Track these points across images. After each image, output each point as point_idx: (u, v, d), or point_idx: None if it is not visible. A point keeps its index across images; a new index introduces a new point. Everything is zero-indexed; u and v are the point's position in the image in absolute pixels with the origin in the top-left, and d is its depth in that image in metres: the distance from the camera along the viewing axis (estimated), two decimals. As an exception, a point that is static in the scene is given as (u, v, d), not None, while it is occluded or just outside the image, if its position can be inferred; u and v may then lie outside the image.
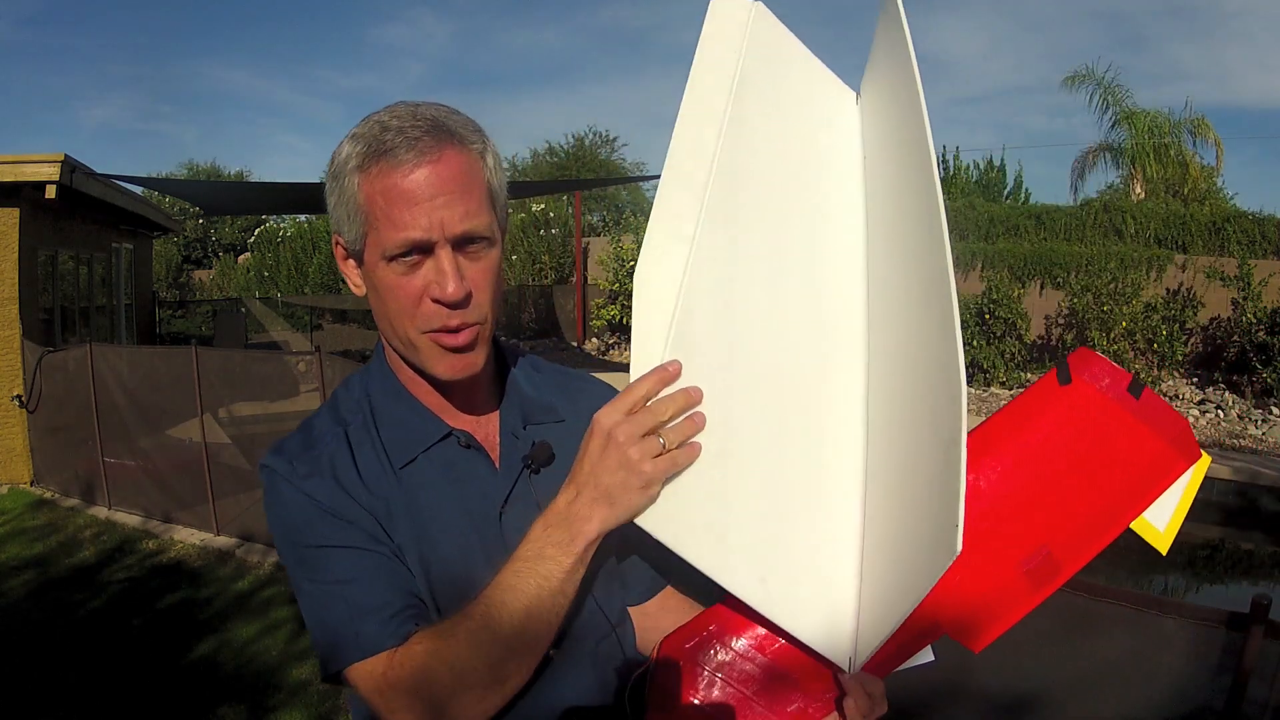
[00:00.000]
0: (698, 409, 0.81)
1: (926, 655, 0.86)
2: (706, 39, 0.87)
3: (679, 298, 0.80)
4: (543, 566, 0.82)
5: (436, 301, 0.85)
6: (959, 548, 0.66)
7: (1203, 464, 0.89)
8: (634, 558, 1.01)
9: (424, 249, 0.84)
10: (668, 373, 0.80)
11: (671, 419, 0.80)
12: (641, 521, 0.81)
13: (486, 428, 0.97)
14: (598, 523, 0.81)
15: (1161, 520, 0.89)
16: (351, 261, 0.91)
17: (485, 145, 0.88)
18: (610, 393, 1.08)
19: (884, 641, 0.78)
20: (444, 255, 0.84)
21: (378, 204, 0.84)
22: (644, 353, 0.81)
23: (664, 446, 0.80)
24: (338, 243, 0.91)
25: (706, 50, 0.87)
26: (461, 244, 0.85)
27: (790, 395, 0.87)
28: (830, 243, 0.91)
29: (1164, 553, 0.89)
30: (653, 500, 0.80)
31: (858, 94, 0.96)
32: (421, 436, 0.93)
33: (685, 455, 0.80)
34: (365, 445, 0.92)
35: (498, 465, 0.95)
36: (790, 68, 0.93)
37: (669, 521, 0.80)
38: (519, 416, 0.98)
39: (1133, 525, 0.88)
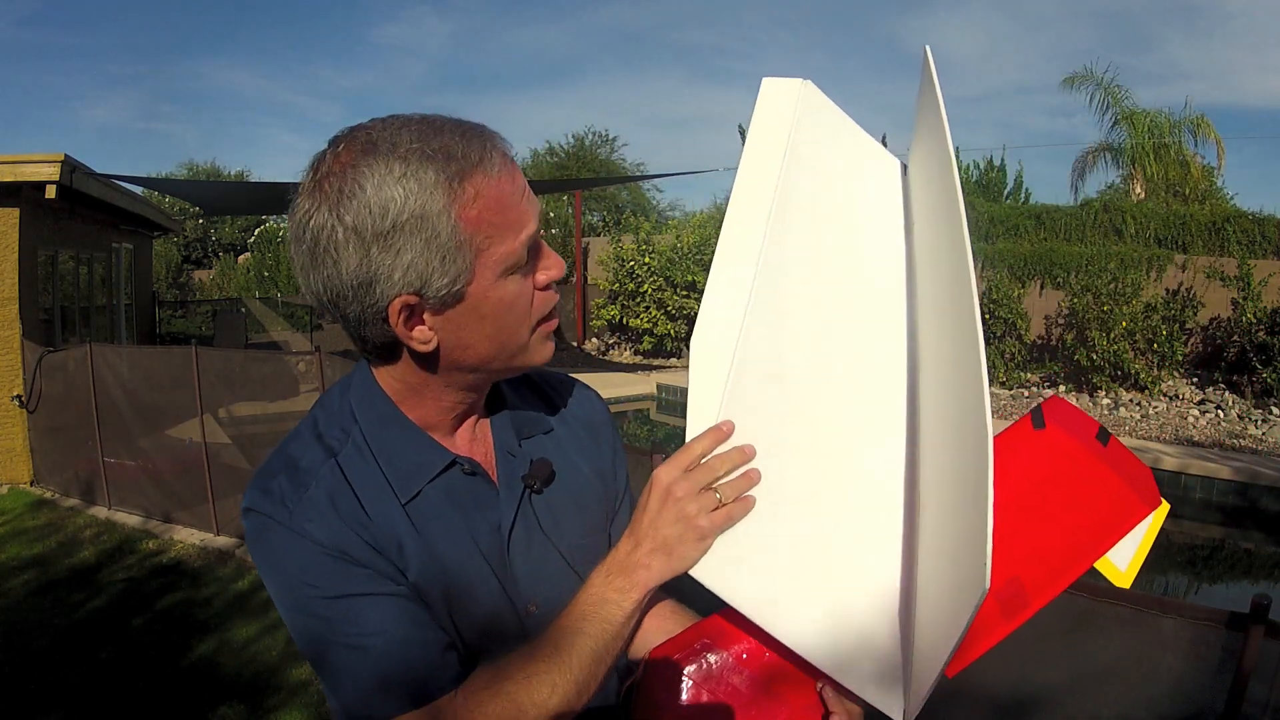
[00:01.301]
0: (752, 465, 0.85)
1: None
2: (759, 116, 0.92)
3: (733, 362, 0.85)
4: (605, 610, 0.85)
5: (545, 287, 0.85)
6: (988, 584, 0.69)
7: (1162, 510, 0.95)
8: None
9: (535, 241, 0.83)
10: (721, 432, 0.84)
11: (726, 474, 0.84)
12: (696, 574, 0.84)
13: (483, 447, 0.93)
14: (656, 572, 0.85)
15: (1123, 561, 0.94)
16: (419, 318, 0.80)
17: None
18: (587, 391, 1.09)
19: (931, 690, 0.80)
20: (541, 240, 0.84)
21: (486, 220, 0.77)
22: (700, 414, 0.86)
23: (720, 501, 0.83)
24: (404, 305, 0.78)
25: (759, 127, 0.92)
26: None
27: (836, 449, 0.91)
28: (873, 311, 0.96)
29: (1127, 588, 0.96)
30: (706, 552, 0.84)
31: (904, 163, 1.02)
32: (425, 467, 0.87)
33: (740, 509, 0.84)
34: (364, 476, 0.84)
35: (496, 485, 0.91)
36: (837, 141, 0.98)
37: (722, 574, 0.84)
38: (511, 431, 0.95)
39: (1096, 564, 0.93)
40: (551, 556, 0.91)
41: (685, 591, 1.04)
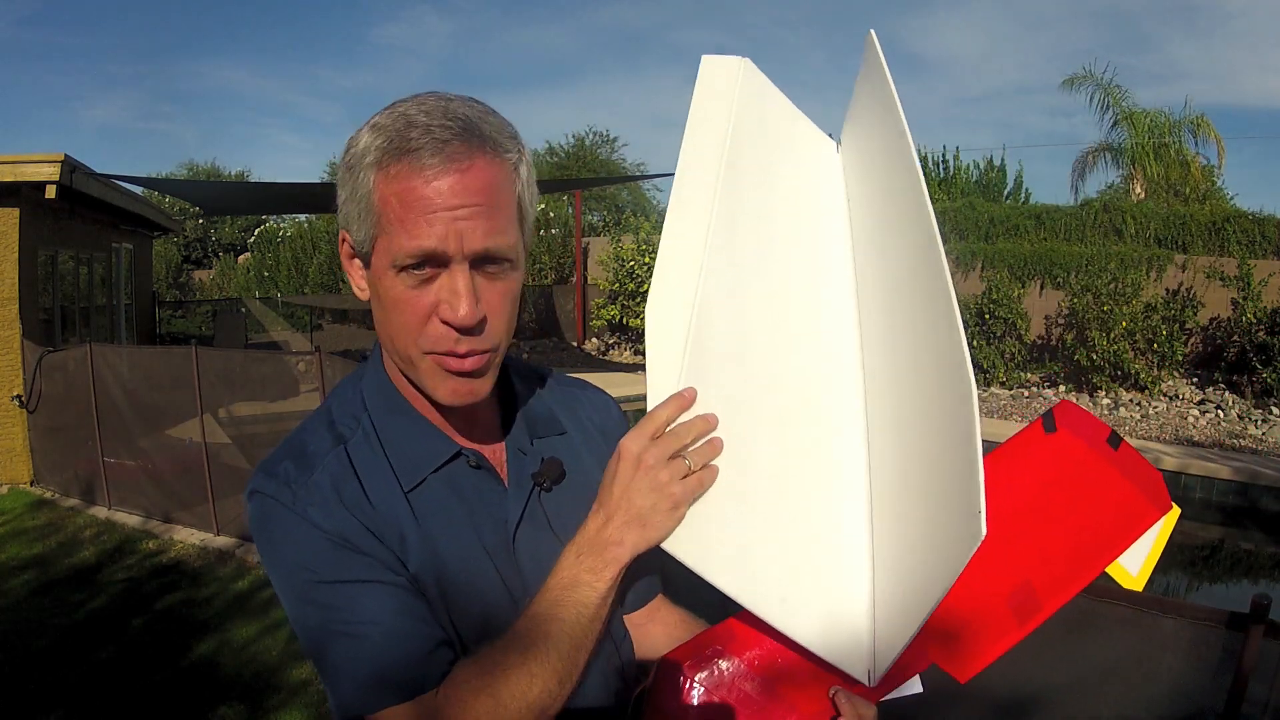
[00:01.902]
0: (715, 434, 0.83)
1: (915, 686, 0.88)
2: (700, 95, 0.92)
3: (690, 327, 0.83)
4: (578, 594, 0.82)
5: (446, 323, 0.79)
6: (983, 531, 0.68)
7: (1173, 515, 0.94)
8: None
9: (438, 262, 0.78)
10: (685, 399, 0.82)
11: (694, 442, 0.82)
12: (669, 548, 0.82)
13: (492, 443, 0.93)
14: (629, 547, 0.82)
15: (1134, 566, 0.94)
16: (358, 262, 0.84)
17: (520, 156, 0.81)
18: (604, 398, 1.08)
19: (900, 651, 0.80)
20: (459, 273, 0.78)
21: (392, 206, 0.77)
22: (660, 381, 0.84)
23: (690, 468, 0.81)
24: (344, 239, 0.84)
25: (700, 104, 0.92)
26: (480, 263, 0.79)
27: (798, 416, 0.90)
28: (823, 272, 0.97)
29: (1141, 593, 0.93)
30: (679, 522, 0.82)
31: (838, 142, 1.03)
32: (429, 457, 0.87)
33: (709, 476, 0.82)
34: (370, 464, 0.85)
35: (505, 483, 0.91)
36: (776, 118, 0.99)
37: (694, 547, 0.82)
38: (524, 431, 0.95)
39: (1108, 569, 0.93)
40: (559, 553, 0.89)
41: (687, 592, 1.03)
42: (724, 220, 0.88)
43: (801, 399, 0.91)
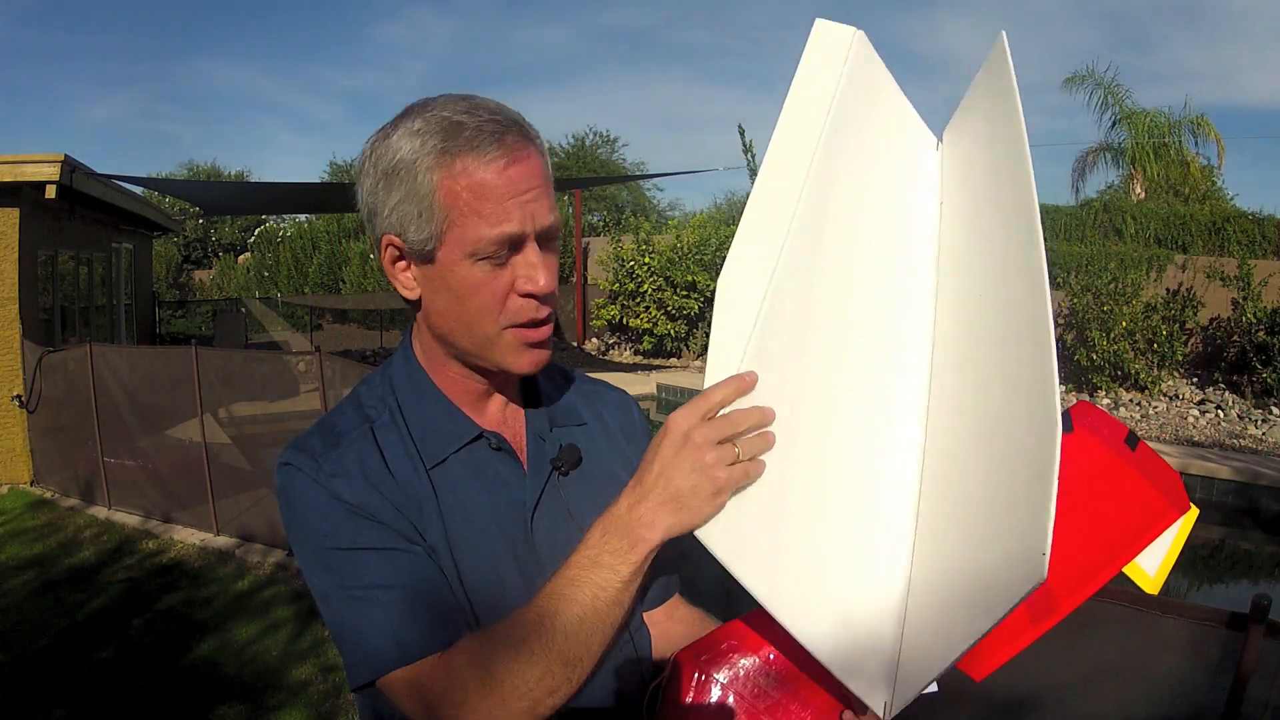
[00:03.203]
0: (769, 428, 0.80)
1: (931, 685, 0.86)
2: (808, 61, 0.88)
3: (761, 310, 0.79)
4: (599, 575, 0.79)
5: (526, 295, 0.85)
6: (1044, 574, 0.66)
7: (1191, 515, 0.94)
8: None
9: (517, 244, 0.84)
10: (745, 383, 0.79)
11: (746, 431, 0.79)
12: (701, 535, 0.79)
13: (513, 429, 0.96)
14: (661, 530, 0.79)
15: (1152, 566, 0.93)
16: (404, 264, 0.87)
17: (543, 142, 0.89)
18: (625, 398, 1.10)
19: (924, 687, 0.79)
20: (533, 249, 0.85)
21: (462, 200, 0.81)
22: (721, 359, 0.81)
23: (738, 456, 0.78)
24: (390, 244, 0.87)
25: (807, 72, 0.88)
26: (542, 238, 0.85)
27: (853, 424, 0.87)
28: (904, 278, 0.93)
29: (1154, 594, 0.92)
30: (719, 510, 0.78)
31: (939, 140, 0.97)
32: (452, 436, 0.91)
33: (755, 469, 0.79)
34: (394, 442, 0.89)
35: (525, 468, 0.94)
36: (882, 102, 0.94)
37: (727, 539, 0.79)
38: (544, 419, 0.98)
39: (1125, 569, 0.92)
40: (576, 538, 0.89)
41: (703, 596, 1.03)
42: (813, 201, 0.83)
43: (860, 406, 0.87)
